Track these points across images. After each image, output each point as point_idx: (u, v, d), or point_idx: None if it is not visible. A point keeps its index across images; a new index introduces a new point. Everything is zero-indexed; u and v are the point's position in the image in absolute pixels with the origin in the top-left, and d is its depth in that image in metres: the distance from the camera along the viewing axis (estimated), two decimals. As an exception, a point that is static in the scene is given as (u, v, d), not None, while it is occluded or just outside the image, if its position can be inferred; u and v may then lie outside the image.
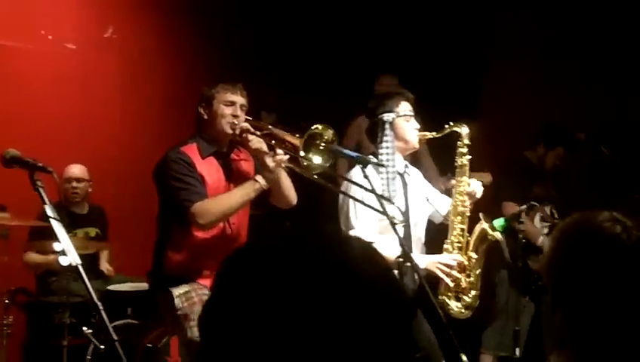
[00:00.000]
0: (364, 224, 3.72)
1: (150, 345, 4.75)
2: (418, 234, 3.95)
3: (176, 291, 3.60)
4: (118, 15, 5.86)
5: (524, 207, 4.57)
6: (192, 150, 3.66)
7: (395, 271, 3.64)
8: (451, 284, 3.80)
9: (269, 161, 3.56)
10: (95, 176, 5.53)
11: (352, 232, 3.75)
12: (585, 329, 1.70)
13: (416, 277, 3.60)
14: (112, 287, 5.19)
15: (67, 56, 5.82)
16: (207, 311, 1.08)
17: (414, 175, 4.07)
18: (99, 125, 5.84)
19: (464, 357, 3.26)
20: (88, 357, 4.70)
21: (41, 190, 2.65)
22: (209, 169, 3.66)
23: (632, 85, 5.77)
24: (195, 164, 3.61)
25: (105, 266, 5.53)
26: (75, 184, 5.40)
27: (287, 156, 3.57)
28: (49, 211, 2.61)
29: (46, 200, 2.63)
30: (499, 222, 3.96)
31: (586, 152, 5.48)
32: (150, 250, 3.73)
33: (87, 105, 5.82)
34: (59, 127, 5.68)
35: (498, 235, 3.81)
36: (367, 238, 3.60)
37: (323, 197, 4.62)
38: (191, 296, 3.58)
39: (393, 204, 3.50)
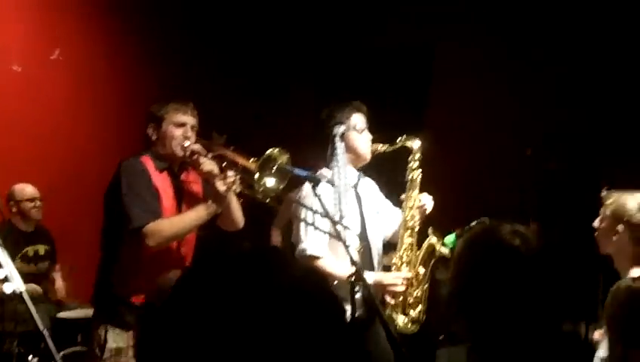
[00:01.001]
0: (314, 239, 3.71)
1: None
2: (376, 247, 3.94)
3: (111, 339, 3.50)
4: (65, 36, 5.80)
5: (475, 223, 4.61)
6: (147, 161, 3.60)
7: (347, 288, 3.65)
8: (392, 302, 3.79)
9: (220, 185, 3.51)
10: (43, 195, 5.44)
11: (301, 246, 3.75)
12: (484, 334, 1.79)
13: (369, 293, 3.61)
14: (62, 315, 5.10)
15: (14, 78, 5.73)
16: (148, 334, 1.09)
17: (368, 186, 4.05)
18: (46, 146, 5.75)
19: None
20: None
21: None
22: (163, 184, 3.61)
23: (575, 96, 5.89)
24: (151, 175, 3.56)
25: (60, 285, 5.43)
26: (38, 203, 5.35)
27: (238, 179, 3.54)
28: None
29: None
30: (449, 239, 3.97)
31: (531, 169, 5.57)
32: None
33: (34, 126, 5.73)
34: (5, 147, 5.58)
35: (445, 251, 3.82)
36: (316, 253, 3.67)
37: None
38: (119, 357, 3.49)
39: (345, 226, 3.49)
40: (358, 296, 3.50)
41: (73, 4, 5.83)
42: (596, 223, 3.31)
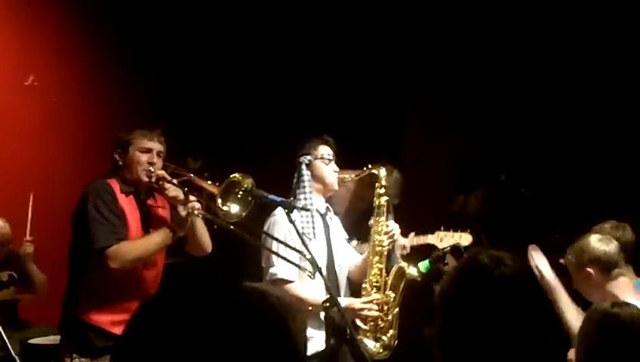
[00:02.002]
0: (285, 263, 3.72)
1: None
2: (343, 274, 4.00)
3: None
4: (39, 61, 5.80)
5: (448, 248, 4.64)
6: (114, 184, 3.62)
7: (322, 314, 3.67)
8: (365, 327, 3.81)
9: (181, 210, 3.54)
10: (12, 221, 5.40)
11: (272, 270, 3.78)
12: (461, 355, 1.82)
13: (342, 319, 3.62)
14: (34, 341, 5.05)
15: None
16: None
17: (336, 219, 4.14)
18: (14, 171, 5.71)
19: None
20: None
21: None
22: (130, 207, 3.63)
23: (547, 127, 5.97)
24: (117, 198, 3.57)
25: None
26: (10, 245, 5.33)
27: (199, 205, 3.55)
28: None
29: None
30: (424, 264, 3.99)
31: (505, 194, 5.61)
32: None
33: (3, 151, 5.71)
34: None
35: (414, 273, 3.84)
36: (287, 277, 3.68)
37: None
38: None
39: (307, 257, 3.49)
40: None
41: (47, 33, 5.83)
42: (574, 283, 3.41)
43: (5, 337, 2.54)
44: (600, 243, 3.37)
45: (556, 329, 2.83)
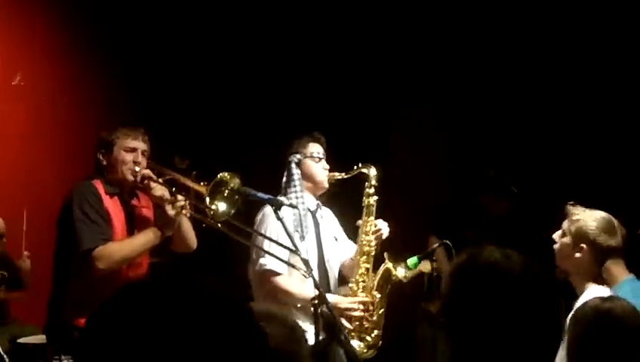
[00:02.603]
0: (274, 256, 3.70)
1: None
2: (333, 273, 4.01)
3: None
4: (25, 62, 5.77)
5: (437, 245, 4.64)
6: (99, 185, 3.60)
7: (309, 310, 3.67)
8: (350, 327, 3.81)
9: (169, 209, 3.52)
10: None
11: (261, 260, 3.78)
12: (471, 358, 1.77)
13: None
14: (22, 340, 5.04)
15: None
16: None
17: (327, 215, 4.13)
18: (2, 173, 5.69)
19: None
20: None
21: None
22: (114, 208, 3.61)
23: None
24: (102, 199, 3.56)
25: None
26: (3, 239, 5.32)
27: (187, 203, 3.54)
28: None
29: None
30: (412, 260, 3.99)
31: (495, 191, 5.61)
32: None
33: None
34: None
35: (401, 274, 3.84)
36: (276, 269, 3.68)
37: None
38: None
39: (301, 256, 3.49)
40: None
41: (33, 33, 5.80)
42: (556, 236, 3.27)
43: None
44: (607, 233, 3.15)
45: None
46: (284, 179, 3.94)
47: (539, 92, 6.08)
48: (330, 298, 3.80)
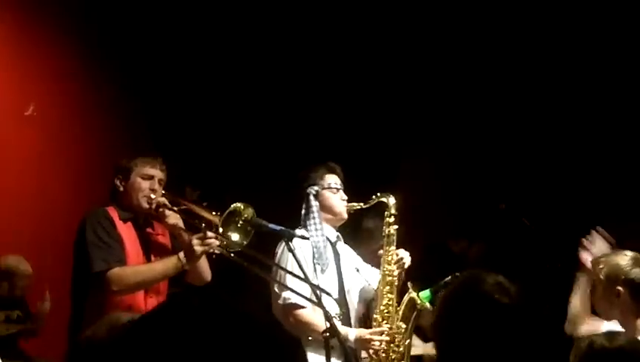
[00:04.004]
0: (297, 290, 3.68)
1: None
2: (353, 303, 3.97)
3: None
4: (39, 89, 5.76)
5: (449, 278, 4.62)
6: (112, 211, 3.60)
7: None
8: (375, 358, 3.77)
9: (197, 245, 3.46)
10: (11, 251, 5.34)
11: (284, 294, 3.75)
12: None
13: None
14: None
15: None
16: None
17: (346, 248, 4.12)
18: (12, 201, 5.65)
19: None
20: None
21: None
22: (128, 233, 3.60)
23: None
24: (116, 224, 3.53)
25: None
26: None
27: (218, 242, 3.50)
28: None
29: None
30: (424, 294, 3.97)
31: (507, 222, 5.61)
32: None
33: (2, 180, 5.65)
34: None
35: (427, 304, 3.81)
36: (300, 302, 3.65)
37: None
38: None
39: (320, 289, 3.46)
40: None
41: (47, 60, 5.80)
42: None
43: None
44: (638, 266, 3.17)
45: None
46: (303, 211, 3.93)
47: (548, 129, 6.12)
48: (354, 330, 3.79)
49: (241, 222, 3.57)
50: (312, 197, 3.91)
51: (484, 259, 5.55)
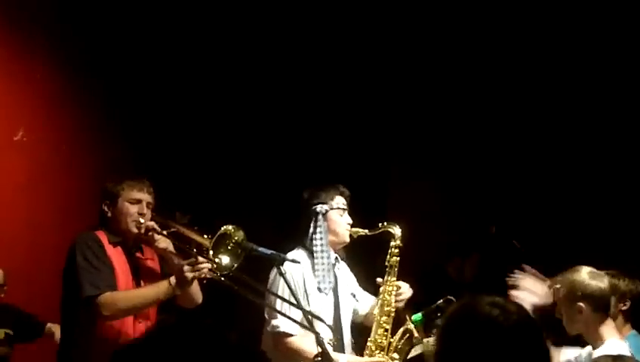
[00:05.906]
0: (287, 317, 3.67)
1: None
2: (348, 329, 3.96)
3: None
4: (29, 115, 5.75)
5: (441, 301, 4.61)
6: (102, 235, 3.58)
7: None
8: None
9: (188, 271, 3.44)
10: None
11: (274, 322, 3.73)
12: None
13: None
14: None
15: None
16: None
17: (343, 269, 4.09)
18: (3, 227, 5.62)
19: None
20: None
21: None
22: (118, 258, 3.58)
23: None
24: (105, 248, 3.51)
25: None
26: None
27: (209, 267, 3.48)
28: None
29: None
30: (416, 317, 3.97)
31: (498, 247, 5.62)
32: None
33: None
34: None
35: (425, 341, 3.79)
36: (289, 330, 3.63)
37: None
38: None
39: (312, 315, 3.43)
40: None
41: (36, 85, 5.80)
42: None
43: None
44: (594, 279, 3.27)
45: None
46: (311, 229, 3.89)
47: (536, 151, 6.14)
48: (345, 357, 3.76)
49: (231, 244, 3.56)
50: (321, 216, 3.87)
51: (481, 270, 5.51)
